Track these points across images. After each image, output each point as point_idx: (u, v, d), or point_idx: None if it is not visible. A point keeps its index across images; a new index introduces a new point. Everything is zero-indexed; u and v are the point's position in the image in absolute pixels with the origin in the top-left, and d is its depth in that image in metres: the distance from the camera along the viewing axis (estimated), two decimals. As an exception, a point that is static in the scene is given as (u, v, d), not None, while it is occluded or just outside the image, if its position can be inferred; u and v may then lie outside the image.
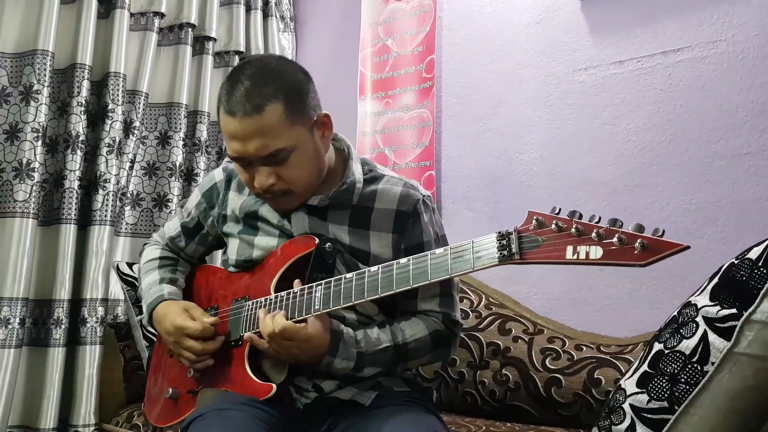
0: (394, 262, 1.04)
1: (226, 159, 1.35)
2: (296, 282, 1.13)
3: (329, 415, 1.15)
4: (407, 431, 1.04)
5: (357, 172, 1.23)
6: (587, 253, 0.83)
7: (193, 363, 1.20)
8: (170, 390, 1.26)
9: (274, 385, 1.09)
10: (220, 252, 1.55)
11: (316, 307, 1.08)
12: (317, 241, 1.14)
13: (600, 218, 0.84)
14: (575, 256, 0.83)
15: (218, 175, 1.32)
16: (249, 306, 1.19)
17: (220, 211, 1.30)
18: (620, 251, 0.80)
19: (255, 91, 1.09)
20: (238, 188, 1.28)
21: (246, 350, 1.15)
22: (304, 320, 1.08)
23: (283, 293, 1.14)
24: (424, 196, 1.24)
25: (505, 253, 0.89)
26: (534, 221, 0.88)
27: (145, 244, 1.46)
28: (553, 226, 0.85)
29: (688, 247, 0.77)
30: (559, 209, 0.87)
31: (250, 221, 1.25)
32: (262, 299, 1.17)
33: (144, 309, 1.30)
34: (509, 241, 0.89)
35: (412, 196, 1.22)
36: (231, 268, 1.29)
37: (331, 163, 1.23)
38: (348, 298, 1.06)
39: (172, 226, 1.40)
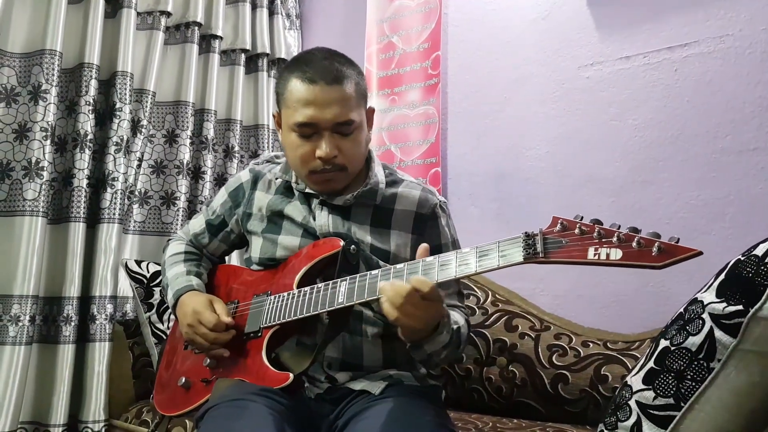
0: (421, 259, 1.04)
1: (254, 161, 1.43)
2: (422, 250, 1.05)
3: (338, 404, 1.17)
4: (412, 413, 1.06)
5: (379, 174, 1.30)
6: (608, 255, 0.86)
7: (206, 350, 1.22)
8: (183, 378, 1.27)
9: (291, 374, 1.10)
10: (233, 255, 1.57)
11: (340, 300, 1.09)
12: (343, 243, 1.17)
13: (620, 226, 0.87)
14: (596, 257, 0.86)
15: (245, 176, 1.39)
16: (271, 300, 1.21)
17: (245, 209, 1.35)
18: (638, 254, 0.84)
19: (335, 66, 1.18)
20: (264, 188, 1.34)
21: (264, 341, 1.17)
22: None
23: (307, 288, 1.16)
24: (440, 201, 1.31)
25: (531, 251, 0.91)
26: (558, 225, 0.91)
27: (169, 239, 1.51)
28: (577, 230, 0.89)
29: (701, 253, 0.80)
30: (582, 216, 0.91)
31: (275, 219, 1.30)
32: (285, 294, 1.19)
33: (170, 296, 1.33)
34: (534, 241, 0.92)
35: (430, 201, 1.29)
36: (254, 266, 1.32)
37: None
38: (372, 293, 1.06)
39: (197, 224, 1.46)
